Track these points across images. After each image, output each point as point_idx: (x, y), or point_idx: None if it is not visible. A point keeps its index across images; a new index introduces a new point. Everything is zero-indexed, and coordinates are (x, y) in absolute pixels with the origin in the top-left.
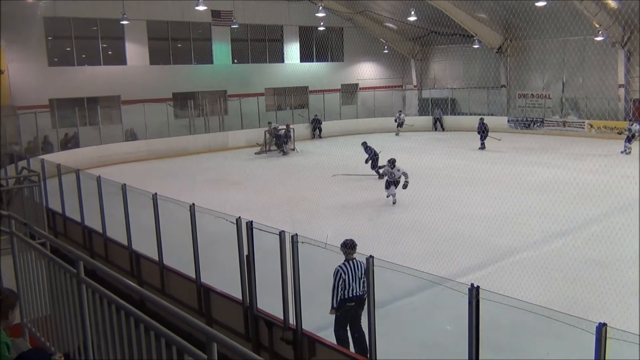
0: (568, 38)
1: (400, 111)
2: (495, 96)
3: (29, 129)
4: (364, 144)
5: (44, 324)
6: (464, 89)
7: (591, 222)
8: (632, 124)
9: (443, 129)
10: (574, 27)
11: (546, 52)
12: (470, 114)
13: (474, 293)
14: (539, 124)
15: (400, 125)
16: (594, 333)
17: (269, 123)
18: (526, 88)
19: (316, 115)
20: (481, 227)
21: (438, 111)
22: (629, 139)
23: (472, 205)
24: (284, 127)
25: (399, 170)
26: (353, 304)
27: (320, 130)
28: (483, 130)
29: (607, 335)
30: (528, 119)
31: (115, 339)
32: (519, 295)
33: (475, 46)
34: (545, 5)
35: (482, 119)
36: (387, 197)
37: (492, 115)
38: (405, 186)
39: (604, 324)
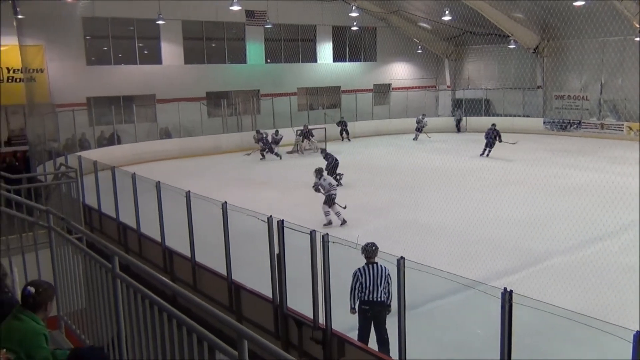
0: (607, 38)
1: (424, 114)
2: (530, 97)
3: (67, 126)
4: (323, 151)
5: (79, 317)
6: (499, 90)
7: (628, 227)
8: None
9: (460, 131)
10: (613, 27)
11: (584, 53)
12: (505, 115)
13: (507, 297)
14: (575, 125)
15: (420, 129)
16: (631, 341)
17: (257, 131)
18: (563, 89)
19: (342, 117)
20: (514, 231)
21: (459, 112)
22: None
23: (504, 208)
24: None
25: (325, 180)
26: (368, 307)
27: (347, 133)
28: (494, 137)
29: None
30: (564, 120)
31: (148, 333)
32: (553, 300)
33: (511, 46)
34: (583, 5)
35: (494, 125)
36: (327, 217)
37: (527, 116)
38: (318, 189)
39: None
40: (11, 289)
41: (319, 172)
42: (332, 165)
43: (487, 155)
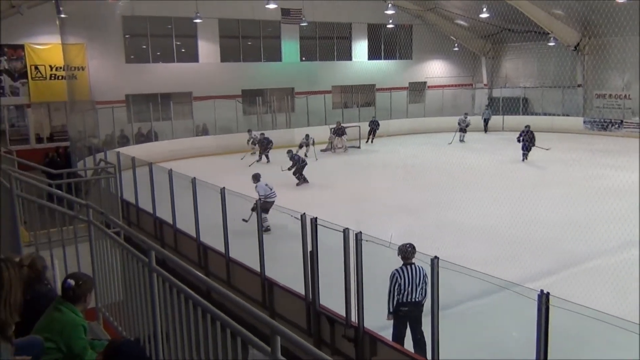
0: None
1: (466, 114)
2: (570, 96)
3: (106, 123)
4: (289, 152)
5: (116, 309)
6: (537, 88)
7: None
8: None
9: (487, 131)
10: None
11: (627, 51)
12: (544, 114)
13: (544, 299)
14: (617, 125)
15: (464, 130)
16: None
17: (249, 130)
18: (604, 88)
19: (374, 117)
20: (552, 232)
21: (487, 111)
22: None
23: (542, 208)
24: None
25: (260, 186)
26: (407, 308)
27: (374, 134)
28: (529, 140)
29: None
30: (605, 120)
31: (183, 327)
32: (591, 303)
33: (551, 44)
34: (626, 1)
35: (527, 127)
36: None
37: (567, 115)
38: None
39: None
40: (51, 282)
41: (255, 178)
42: (299, 166)
43: (525, 159)
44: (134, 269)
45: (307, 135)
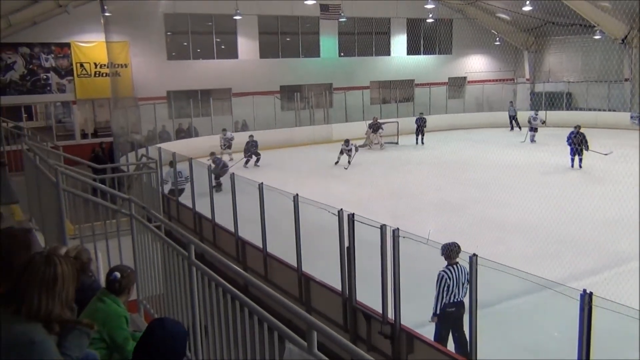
0: None
1: (537, 111)
2: (617, 90)
3: (148, 119)
4: (212, 155)
5: (157, 302)
6: (582, 83)
7: None
8: None
9: (520, 128)
10: None
11: None
12: (588, 109)
13: (587, 299)
14: None
15: (535, 129)
16: None
17: (223, 130)
18: None
19: (421, 113)
20: (597, 230)
21: (512, 108)
22: None
23: (588, 206)
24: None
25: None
26: (453, 309)
27: (422, 133)
28: (579, 142)
29: None
30: None
31: (221, 320)
32: (636, 304)
33: (597, 37)
34: None
35: (577, 127)
36: None
37: (613, 110)
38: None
39: None
40: (95, 274)
41: None
42: (218, 170)
43: (579, 165)
44: (174, 262)
45: (347, 141)
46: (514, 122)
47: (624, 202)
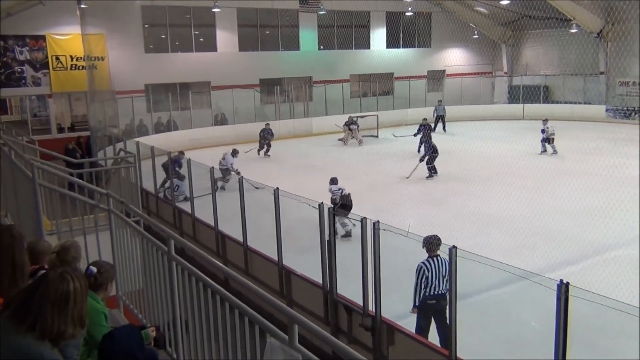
0: None
1: (546, 119)
2: (592, 84)
3: (126, 113)
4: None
5: (137, 297)
6: (558, 76)
7: None
8: None
9: (445, 130)
10: None
11: None
12: (565, 102)
13: (564, 289)
14: None
15: (549, 140)
16: None
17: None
18: (628, 75)
19: (425, 120)
20: (572, 221)
21: (441, 107)
22: None
23: (563, 198)
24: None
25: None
26: (434, 301)
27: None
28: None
29: None
30: (628, 108)
31: (202, 315)
32: (612, 294)
33: (573, 31)
34: None
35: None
36: None
37: (588, 103)
38: None
39: None
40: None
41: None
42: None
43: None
44: (153, 257)
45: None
46: (440, 122)
47: (599, 193)
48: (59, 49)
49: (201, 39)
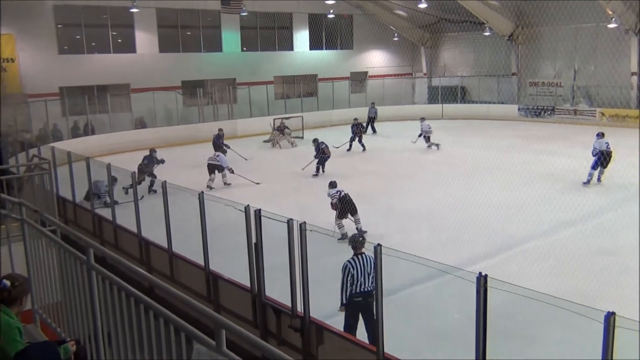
0: (580, 25)
1: (423, 118)
2: (505, 84)
3: (39, 117)
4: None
5: (54, 310)
6: (474, 77)
7: (600, 211)
8: None
9: (374, 131)
10: (586, 14)
11: (558, 40)
12: (481, 102)
13: (482, 282)
14: (549, 112)
15: (427, 137)
16: (603, 322)
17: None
18: (537, 76)
19: (356, 120)
20: (490, 216)
21: (373, 109)
22: None
23: (480, 193)
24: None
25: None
26: (360, 299)
27: (360, 143)
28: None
29: (616, 324)
30: (539, 107)
31: (125, 325)
32: (528, 284)
33: (486, 33)
34: None
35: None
36: None
37: (502, 103)
38: None
39: (613, 313)
40: None
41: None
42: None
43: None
44: (71, 267)
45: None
46: (371, 126)
47: (514, 188)
48: None
49: (119, 40)
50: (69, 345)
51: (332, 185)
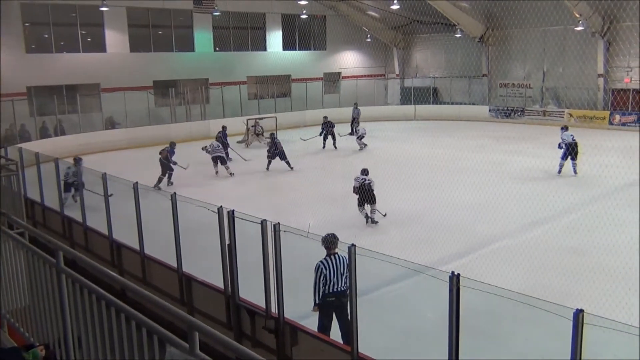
0: (549, 28)
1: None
2: (476, 85)
3: (6, 117)
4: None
5: (23, 315)
6: (446, 78)
7: (569, 210)
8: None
9: (352, 132)
10: (554, 17)
11: (527, 42)
12: (452, 103)
13: (455, 281)
14: (519, 113)
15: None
16: (572, 319)
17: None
18: (507, 77)
19: (326, 118)
20: (461, 215)
21: (357, 110)
22: None
23: (452, 193)
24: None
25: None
26: (333, 299)
27: (333, 138)
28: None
29: (584, 321)
30: (509, 108)
31: (96, 329)
32: (499, 282)
33: (457, 35)
34: None
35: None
36: None
37: (473, 104)
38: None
39: (581, 310)
40: None
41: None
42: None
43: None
44: (40, 271)
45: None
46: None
47: (485, 188)
48: None
49: (89, 39)
50: (38, 350)
51: (363, 172)
